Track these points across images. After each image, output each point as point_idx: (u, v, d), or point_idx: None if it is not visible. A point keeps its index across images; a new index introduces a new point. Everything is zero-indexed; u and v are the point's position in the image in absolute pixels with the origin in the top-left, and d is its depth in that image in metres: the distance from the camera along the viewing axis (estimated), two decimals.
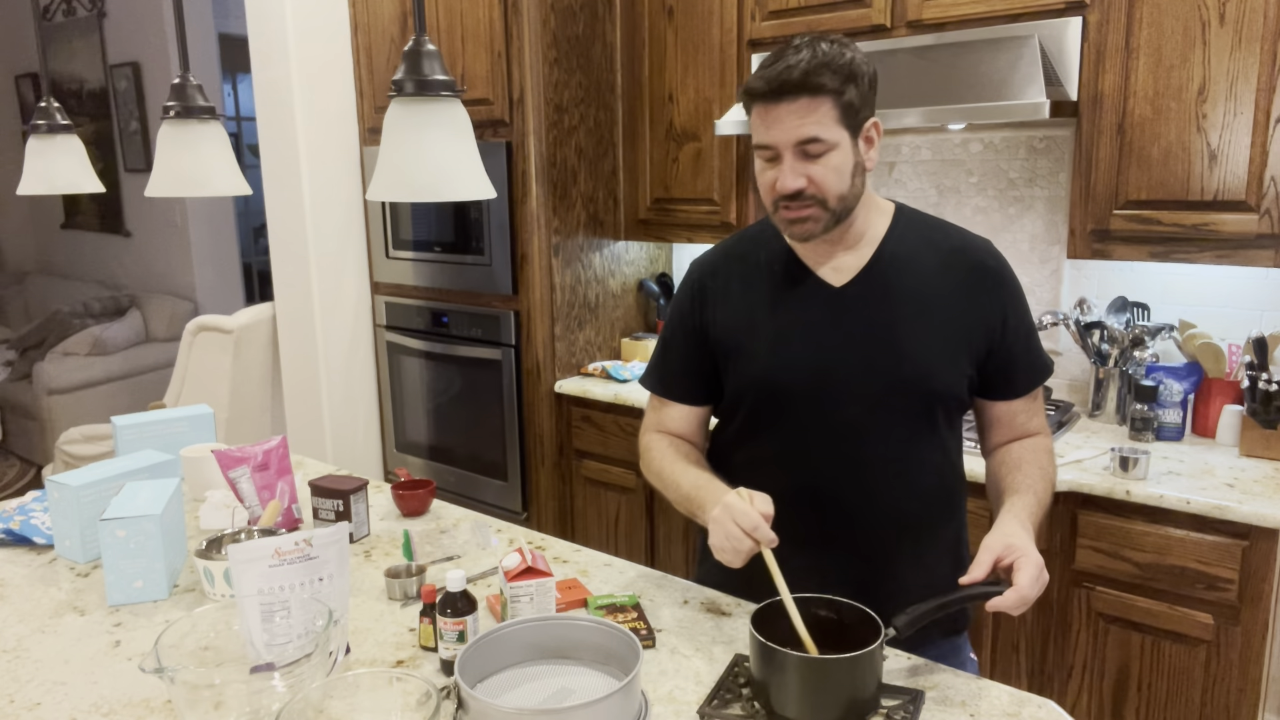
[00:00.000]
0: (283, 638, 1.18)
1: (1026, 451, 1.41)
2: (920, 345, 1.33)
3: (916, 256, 1.37)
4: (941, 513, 1.42)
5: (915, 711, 1.16)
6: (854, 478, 1.37)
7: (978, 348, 1.36)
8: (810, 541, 1.37)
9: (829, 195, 1.28)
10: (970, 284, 1.36)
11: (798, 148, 1.26)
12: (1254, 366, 2.17)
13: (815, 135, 1.25)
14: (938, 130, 2.74)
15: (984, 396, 1.43)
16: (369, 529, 1.80)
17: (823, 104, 1.24)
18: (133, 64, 5.49)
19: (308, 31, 3.24)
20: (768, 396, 1.39)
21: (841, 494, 1.37)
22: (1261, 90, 1.99)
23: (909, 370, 1.33)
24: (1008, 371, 1.40)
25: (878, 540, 1.38)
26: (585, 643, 1.21)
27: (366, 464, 3.62)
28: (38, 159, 2.06)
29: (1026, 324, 1.41)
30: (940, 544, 1.43)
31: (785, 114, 1.25)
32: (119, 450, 2.01)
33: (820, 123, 1.25)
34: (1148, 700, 2.07)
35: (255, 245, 6.36)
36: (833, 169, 1.27)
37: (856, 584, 1.28)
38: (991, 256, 1.39)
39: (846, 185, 1.29)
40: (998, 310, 1.37)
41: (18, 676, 1.29)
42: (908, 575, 1.38)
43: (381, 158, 1.27)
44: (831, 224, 1.31)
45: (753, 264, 1.43)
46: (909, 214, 1.42)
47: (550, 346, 3.06)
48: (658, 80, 3.00)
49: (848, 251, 1.38)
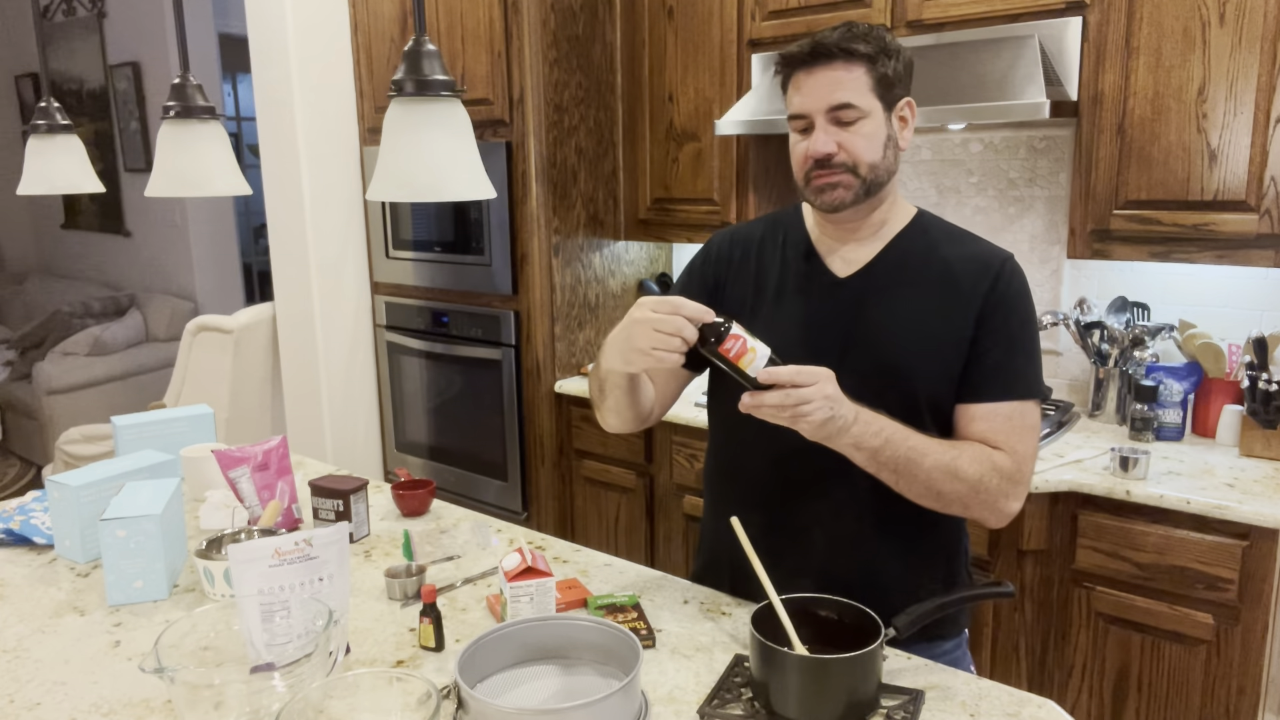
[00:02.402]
0: (283, 638, 1.18)
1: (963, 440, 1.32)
2: (906, 346, 1.32)
3: (925, 259, 1.36)
4: (929, 511, 1.36)
5: (915, 711, 1.16)
6: (838, 471, 1.30)
7: (964, 344, 1.32)
8: (800, 532, 1.37)
9: (860, 162, 1.29)
10: (971, 284, 1.33)
11: (830, 114, 1.28)
12: (1254, 366, 2.17)
13: (848, 100, 1.27)
14: (938, 130, 2.74)
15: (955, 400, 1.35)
16: (369, 529, 1.80)
17: (856, 69, 1.26)
18: (133, 64, 5.49)
19: (308, 31, 3.25)
20: None
21: (828, 489, 1.35)
22: (1261, 90, 1.99)
23: (895, 367, 1.32)
24: (973, 373, 1.32)
25: (861, 536, 1.37)
26: (585, 643, 1.21)
27: (366, 464, 3.62)
28: (38, 159, 2.06)
29: (1011, 334, 1.32)
30: (935, 544, 1.42)
31: (820, 79, 1.28)
32: (119, 450, 2.01)
33: (855, 89, 1.27)
34: (1148, 700, 2.07)
35: (255, 245, 6.36)
36: (865, 136, 1.28)
37: (849, 583, 1.26)
38: (1004, 263, 1.34)
39: (879, 155, 1.30)
40: (987, 306, 1.31)
41: (18, 676, 1.29)
42: (902, 575, 1.37)
43: (381, 158, 1.27)
44: (862, 194, 1.31)
45: (770, 245, 1.45)
46: (929, 219, 1.41)
47: (550, 346, 3.07)
48: (658, 80, 3.00)
49: (861, 243, 1.38)
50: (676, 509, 2.84)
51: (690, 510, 2.78)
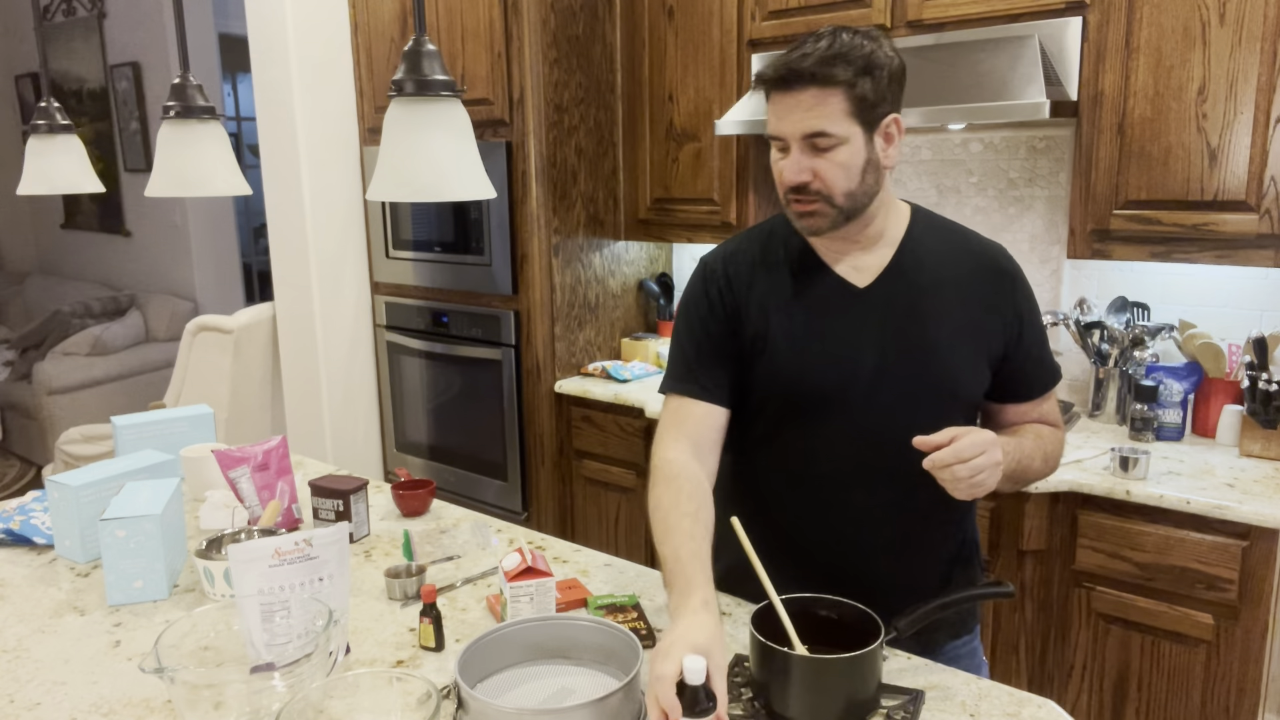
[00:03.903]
0: (283, 638, 1.18)
1: (1030, 427, 1.41)
2: (945, 347, 1.32)
3: (936, 258, 1.35)
4: (953, 515, 1.40)
5: (915, 711, 1.16)
6: (875, 479, 1.34)
7: (995, 351, 1.36)
8: (828, 542, 1.37)
9: (835, 192, 1.25)
10: (988, 287, 1.35)
11: (805, 140, 1.23)
12: (1254, 366, 2.17)
13: (822, 129, 1.21)
14: (938, 130, 2.74)
15: (998, 400, 1.41)
16: (369, 529, 1.80)
17: (833, 96, 1.20)
18: (133, 64, 5.49)
19: (308, 31, 3.24)
20: (792, 397, 1.35)
21: (861, 496, 1.36)
22: (1261, 90, 1.99)
23: (936, 372, 1.32)
24: (1022, 375, 1.40)
25: (892, 541, 1.37)
26: (585, 643, 1.21)
27: (366, 464, 3.62)
28: (38, 159, 2.06)
29: (1040, 328, 1.41)
30: (951, 545, 1.42)
31: (794, 105, 1.22)
32: (119, 450, 2.01)
33: (829, 116, 1.21)
34: (1148, 700, 2.07)
35: (255, 245, 6.36)
36: (839, 164, 1.24)
37: (870, 585, 1.26)
38: (1007, 259, 1.39)
39: (855, 183, 1.25)
40: (1014, 314, 1.36)
41: (18, 676, 1.29)
42: (920, 576, 1.38)
43: (381, 158, 1.27)
44: (840, 221, 1.28)
45: (773, 260, 1.39)
46: (924, 215, 1.40)
47: (550, 346, 3.06)
48: (658, 80, 3.00)
49: (866, 251, 1.35)
50: None
51: None
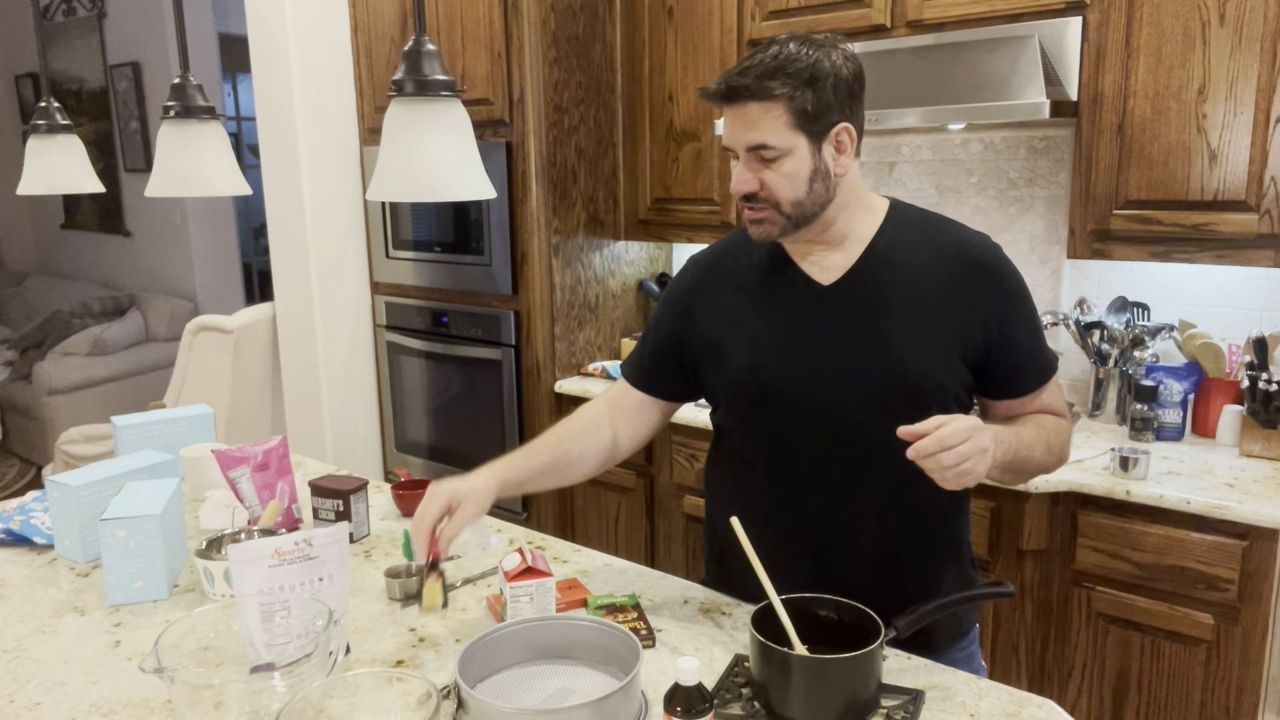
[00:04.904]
0: (283, 638, 1.18)
1: (1031, 416, 1.39)
2: (911, 343, 1.31)
3: (909, 253, 1.34)
4: (939, 514, 1.40)
5: (915, 711, 1.16)
6: (854, 480, 1.35)
7: (975, 347, 1.33)
8: (803, 543, 1.37)
9: (781, 201, 1.28)
10: (966, 282, 1.33)
11: (750, 152, 1.26)
12: (1254, 366, 2.17)
13: (764, 142, 1.24)
14: (938, 130, 2.74)
15: (992, 396, 1.41)
16: (369, 529, 1.80)
17: (773, 109, 1.23)
18: (133, 64, 5.49)
19: (308, 31, 3.25)
20: (751, 395, 1.38)
21: (841, 497, 1.36)
22: (1261, 90, 1.99)
23: (899, 369, 1.31)
24: (1010, 370, 1.38)
25: (871, 541, 1.37)
26: (585, 643, 1.21)
27: (366, 464, 3.62)
28: (38, 159, 2.06)
29: (1029, 320, 1.38)
30: (939, 545, 1.42)
31: (737, 118, 1.26)
32: (119, 450, 2.01)
33: (771, 129, 1.24)
34: (1148, 700, 2.07)
35: (255, 245, 6.36)
36: (785, 175, 1.26)
37: (853, 585, 1.26)
38: (989, 252, 1.35)
39: (802, 192, 1.27)
40: (995, 308, 1.33)
41: (18, 676, 1.29)
42: (905, 577, 1.37)
43: (381, 158, 1.27)
44: (790, 228, 1.30)
45: (745, 263, 1.43)
46: (903, 210, 1.39)
47: (550, 346, 3.07)
48: (658, 80, 3.00)
49: (833, 249, 1.36)
50: (676, 509, 2.84)
51: (690, 510, 2.78)
